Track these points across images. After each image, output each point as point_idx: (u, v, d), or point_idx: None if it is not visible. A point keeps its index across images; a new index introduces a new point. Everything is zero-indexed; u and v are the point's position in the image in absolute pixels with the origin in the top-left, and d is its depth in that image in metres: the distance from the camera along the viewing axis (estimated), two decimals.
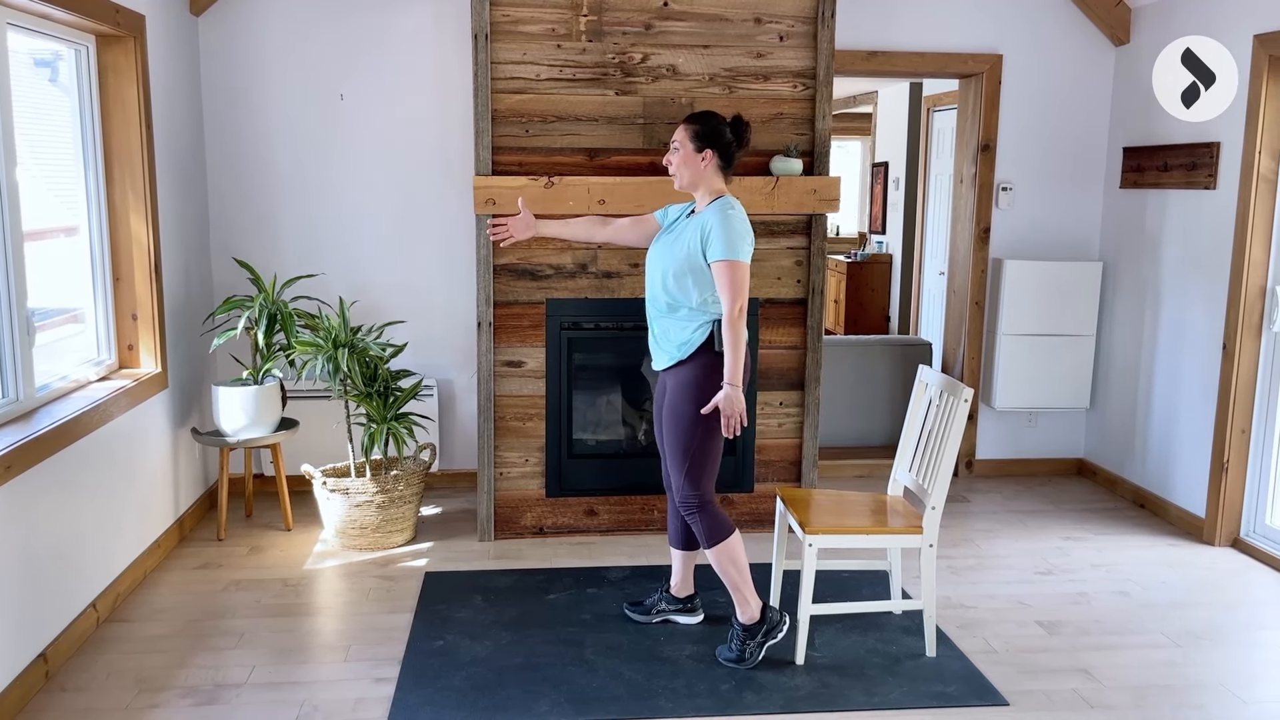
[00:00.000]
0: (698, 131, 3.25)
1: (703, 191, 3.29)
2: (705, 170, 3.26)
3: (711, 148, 3.24)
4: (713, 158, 3.25)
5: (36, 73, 3.69)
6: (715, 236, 3.14)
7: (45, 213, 3.65)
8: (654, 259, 3.36)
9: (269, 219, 4.83)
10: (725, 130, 3.26)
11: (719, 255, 3.13)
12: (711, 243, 3.15)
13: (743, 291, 3.14)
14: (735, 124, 3.29)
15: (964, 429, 3.29)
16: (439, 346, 4.99)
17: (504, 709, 3.02)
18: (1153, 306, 4.91)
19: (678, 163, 3.28)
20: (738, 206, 3.24)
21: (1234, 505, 4.41)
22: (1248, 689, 3.21)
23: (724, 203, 3.22)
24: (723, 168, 3.28)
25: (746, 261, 3.16)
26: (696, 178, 3.27)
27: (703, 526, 3.27)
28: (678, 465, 3.29)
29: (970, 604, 3.81)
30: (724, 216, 3.16)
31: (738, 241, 3.14)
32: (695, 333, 3.25)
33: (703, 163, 3.25)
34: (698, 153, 3.24)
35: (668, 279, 3.27)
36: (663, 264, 3.30)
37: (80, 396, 3.58)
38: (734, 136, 3.27)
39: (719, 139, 3.25)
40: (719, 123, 3.26)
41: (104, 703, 3.04)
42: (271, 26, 4.69)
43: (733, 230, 3.14)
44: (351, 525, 4.24)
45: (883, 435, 5.67)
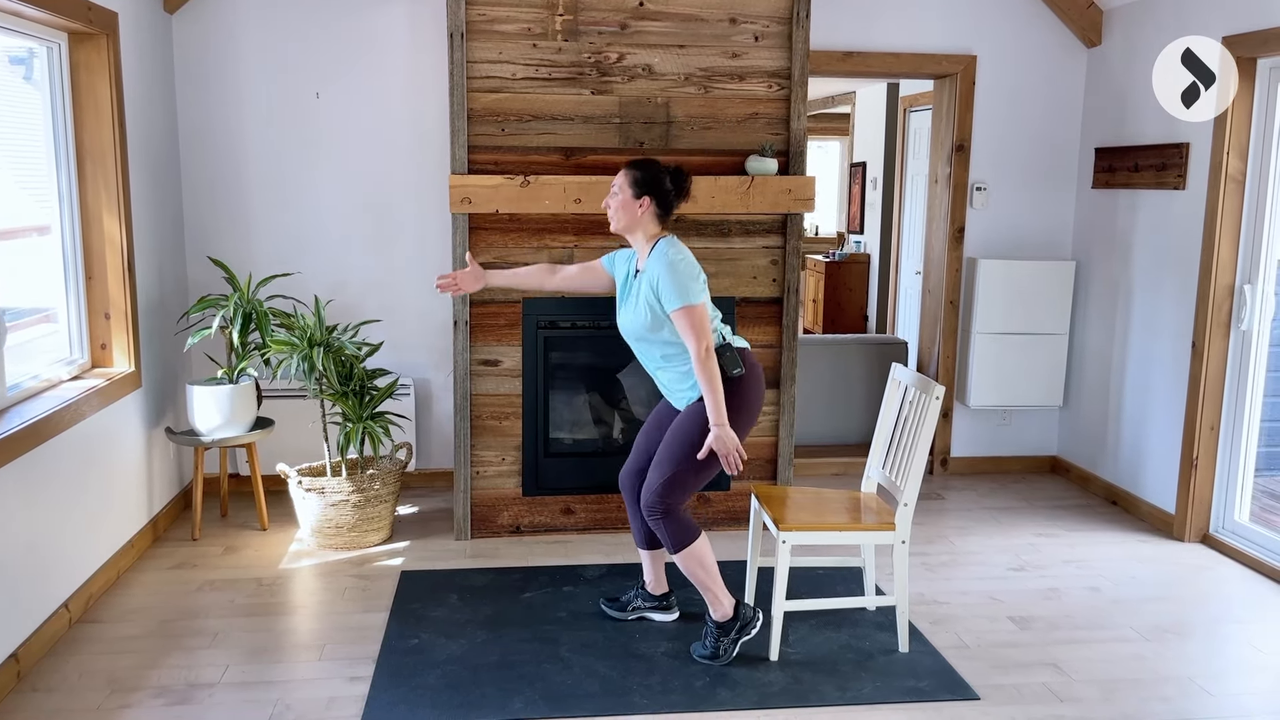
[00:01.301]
0: (637, 178, 3.30)
1: (639, 236, 3.35)
2: (641, 217, 3.31)
3: (650, 195, 3.29)
4: (650, 205, 3.30)
5: (11, 70, 3.67)
6: (665, 288, 3.20)
7: (17, 211, 3.63)
8: (624, 325, 3.43)
9: (244, 217, 4.82)
10: (665, 179, 3.31)
11: (673, 305, 3.19)
12: (664, 295, 3.21)
13: (705, 332, 3.18)
14: (675, 174, 3.35)
15: (936, 426, 3.32)
16: (415, 345, 4.98)
17: (478, 707, 3.03)
18: (1124, 305, 4.96)
19: (615, 207, 3.33)
20: (677, 247, 3.29)
21: (1203, 502, 4.46)
22: (1214, 682, 3.25)
23: (663, 249, 3.27)
24: (659, 215, 3.33)
25: (700, 302, 3.20)
26: (633, 223, 3.33)
27: (667, 532, 3.28)
28: (661, 472, 3.29)
29: (943, 600, 3.84)
30: (668, 265, 3.21)
31: (687, 285, 3.19)
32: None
33: (640, 209, 3.30)
34: (635, 199, 3.29)
35: (646, 338, 3.34)
36: (634, 328, 3.37)
37: (52, 396, 3.56)
38: (673, 186, 3.33)
39: (657, 187, 3.30)
40: (659, 171, 3.32)
41: (76, 703, 3.02)
42: (246, 24, 4.68)
43: (679, 276, 3.19)
44: (327, 525, 4.24)
45: (859, 433, 5.70)
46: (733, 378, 3.27)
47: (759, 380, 3.37)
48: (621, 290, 3.46)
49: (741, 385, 3.29)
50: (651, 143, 4.29)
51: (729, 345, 3.31)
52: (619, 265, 3.51)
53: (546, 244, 4.29)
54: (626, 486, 3.54)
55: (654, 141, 4.29)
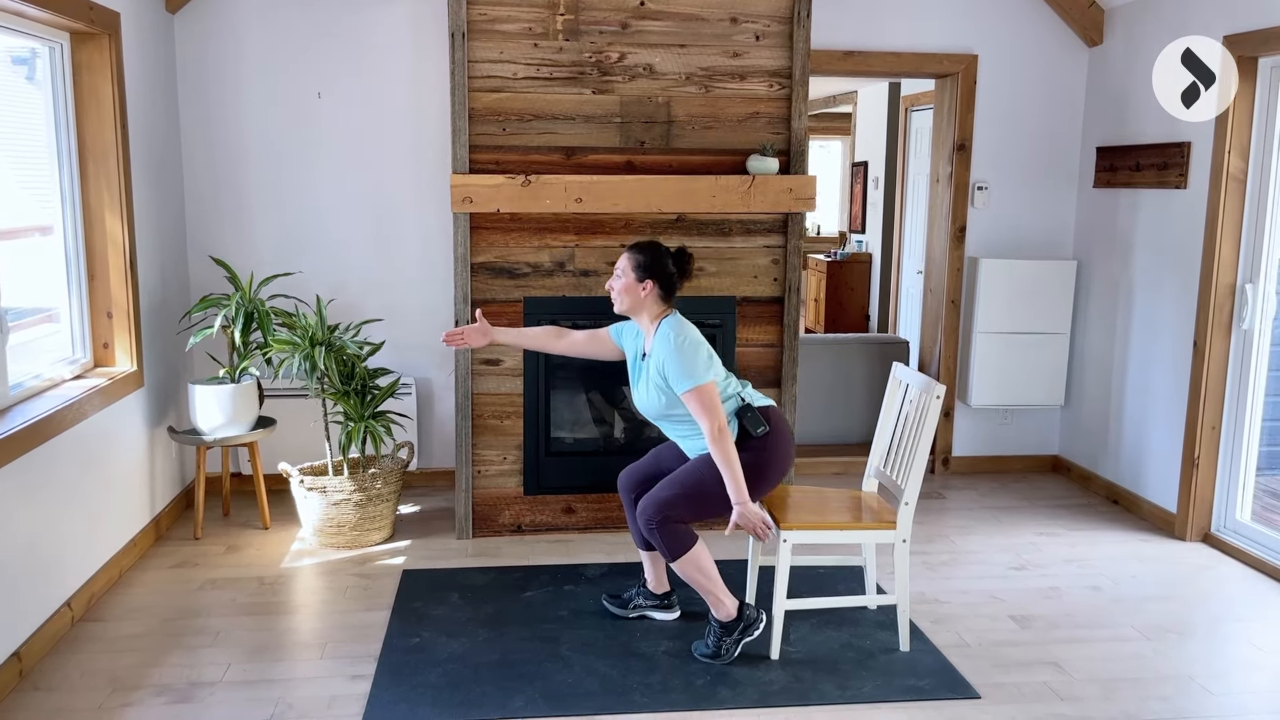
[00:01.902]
0: (640, 262, 3.32)
1: (644, 317, 3.38)
2: (645, 299, 3.34)
3: (653, 279, 3.32)
4: (653, 288, 3.33)
5: (13, 70, 3.67)
6: (672, 370, 3.22)
7: (19, 211, 3.64)
8: (641, 407, 3.47)
9: (246, 217, 4.82)
10: (668, 262, 3.34)
11: (682, 387, 3.21)
12: (672, 378, 3.23)
13: (716, 411, 3.19)
14: (678, 256, 3.37)
15: (937, 426, 3.32)
16: (417, 345, 4.99)
17: (479, 705, 3.03)
18: (1125, 304, 4.96)
19: (619, 290, 3.36)
20: (680, 325, 3.31)
21: (1205, 501, 4.46)
22: (1214, 681, 3.25)
23: (666, 331, 3.29)
24: (662, 297, 3.35)
25: (708, 380, 3.21)
26: (637, 305, 3.36)
27: (663, 541, 3.27)
28: (671, 491, 3.28)
29: (944, 599, 3.84)
30: (674, 348, 3.23)
31: (693, 365, 3.20)
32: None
33: (643, 292, 3.33)
34: (639, 282, 3.33)
35: (665, 415, 3.37)
36: (650, 409, 3.41)
37: (54, 395, 3.57)
38: (676, 268, 3.35)
39: (661, 271, 3.33)
40: (662, 255, 3.34)
41: (78, 702, 3.03)
42: (248, 24, 4.69)
43: (684, 357, 3.21)
44: (329, 524, 4.24)
45: (860, 432, 5.71)
46: (757, 436, 3.28)
47: (785, 438, 3.37)
48: (632, 371, 3.50)
49: (767, 442, 3.31)
50: (652, 142, 4.29)
51: (749, 406, 3.32)
52: (626, 340, 3.54)
53: (547, 243, 4.30)
54: (625, 487, 3.55)
55: (655, 141, 4.29)
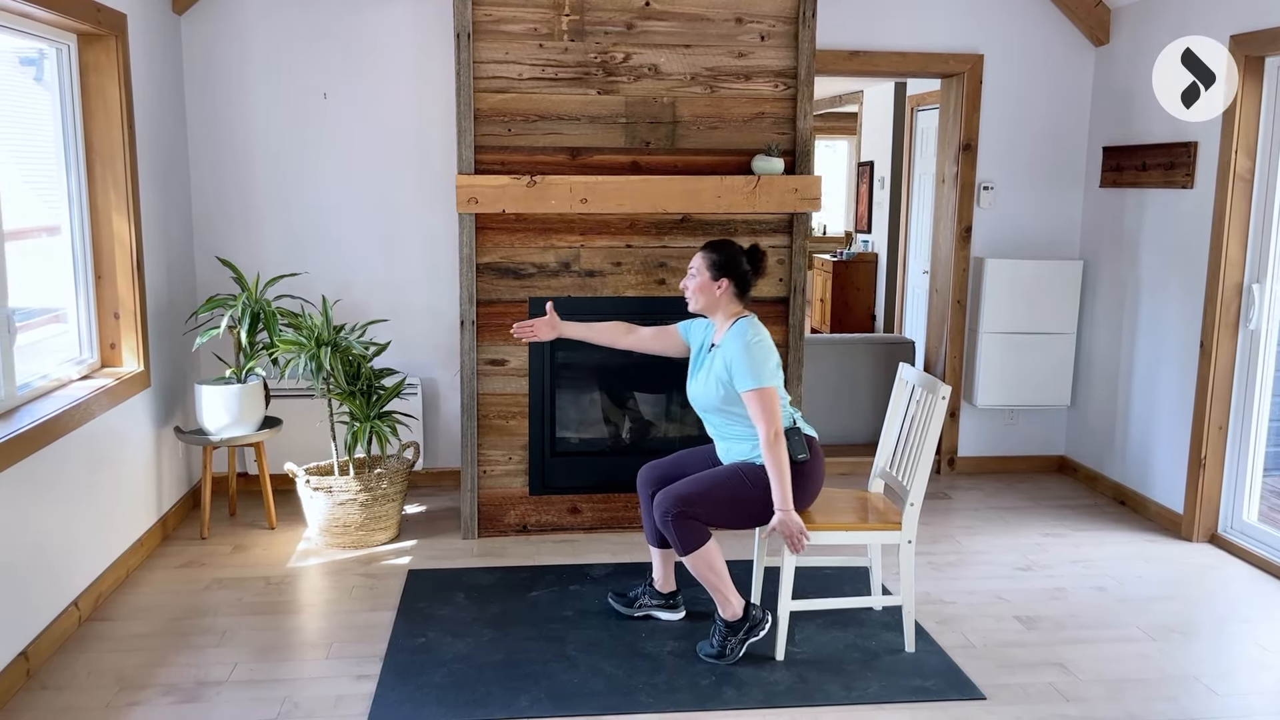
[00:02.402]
0: (715, 261, 3.34)
1: (719, 316, 3.39)
2: (720, 298, 3.35)
3: (727, 277, 3.33)
4: (729, 286, 3.34)
5: (21, 71, 3.69)
6: (738, 367, 3.23)
7: (27, 212, 3.65)
8: (694, 396, 3.45)
9: (252, 218, 4.84)
10: (742, 260, 3.36)
11: (746, 386, 3.21)
12: (736, 374, 3.24)
13: (775, 416, 3.19)
14: (752, 253, 3.38)
15: (942, 426, 3.32)
16: (422, 345, 5.00)
17: (484, 705, 3.04)
18: (1132, 304, 4.95)
19: (694, 289, 3.37)
20: (757, 327, 3.32)
21: (1211, 501, 4.45)
22: (1220, 681, 3.25)
23: (741, 328, 3.30)
24: (738, 295, 3.36)
25: (773, 385, 3.22)
26: (712, 304, 3.37)
27: (677, 534, 3.27)
28: (695, 489, 3.28)
29: (950, 599, 3.84)
30: (744, 346, 3.24)
31: (761, 367, 3.21)
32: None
33: (718, 291, 3.34)
34: (714, 281, 3.34)
35: (717, 410, 3.37)
36: (704, 400, 3.40)
37: (62, 395, 3.58)
38: (750, 266, 3.36)
39: (735, 269, 3.34)
40: (736, 253, 3.36)
41: (85, 701, 3.04)
42: (254, 25, 4.70)
43: (754, 358, 3.22)
44: (335, 524, 4.25)
45: (866, 433, 5.70)
46: (796, 461, 3.29)
47: (820, 472, 3.38)
48: (694, 361, 3.50)
49: (803, 469, 3.31)
50: (658, 143, 4.29)
51: (798, 429, 3.32)
52: (694, 334, 3.54)
53: (553, 244, 4.30)
54: (645, 482, 3.54)
55: (660, 141, 4.30)
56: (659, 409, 4.69)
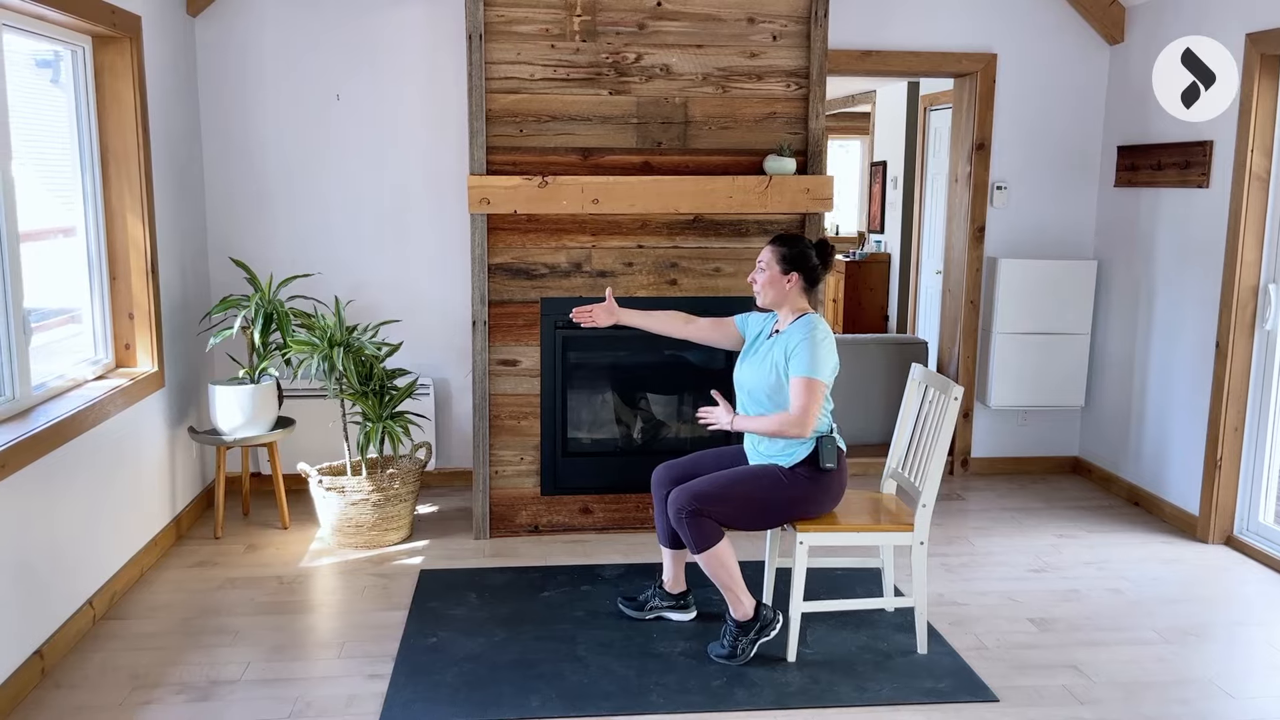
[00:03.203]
0: (784, 255, 3.35)
1: (786, 310, 3.39)
2: (790, 291, 3.36)
3: (797, 271, 3.34)
4: (798, 280, 3.34)
5: (38, 73, 3.71)
6: (799, 352, 3.23)
7: (42, 213, 3.68)
8: (742, 378, 3.44)
9: (265, 218, 4.86)
10: (811, 254, 3.37)
11: (800, 371, 3.21)
12: (794, 358, 3.23)
13: (812, 410, 3.19)
14: (820, 247, 3.40)
15: (955, 427, 3.31)
16: (434, 345, 5.01)
17: (496, 705, 3.04)
18: (1146, 305, 4.92)
19: (763, 282, 3.37)
20: (823, 326, 3.31)
21: (1227, 503, 4.42)
22: (1235, 684, 3.22)
23: (808, 322, 3.30)
24: (806, 289, 3.37)
25: (824, 380, 3.22)
26: (781, 298, 3.37)
27: (690, 533, 3.27)
28: (712, 486, 3.27)
29: (963, 601, 3.82)
30: (810, 336, 3.24)
31: (821, 361, 3.22)
32: (799, 446, 3.31)
33: (788, 284, 3.35)
34: (784, 275, 3.34)
35: (759, 396, 3.35)
36: (751, 383, 3.39)
37: (77, 395, 3.60)
38: (819, 260, 3.37)
39: (804, 263, 3.35)
40: (805, 247, 3.37)
41: (99, 699, 3.06)
42: (268, 27, 4.72)
43: (818, 351, 3.22)
44: (347, 523, 4.27)
45: (879, 433, 5.68)
46: (822, 469, 3.29)
47: (842, 484, 3.38)
48: (750, 346, 3.49)
49: (825, 479, 3.31)
50: (669, 143, 4.29)
51: (833, 439, 3.31)
52: (752, 325, 3.54)
53: (565, 244, 4.31)
54: (659, 482, 3.54)
55: (672, 142, 4.29)
56: (670, 409, 4.69)
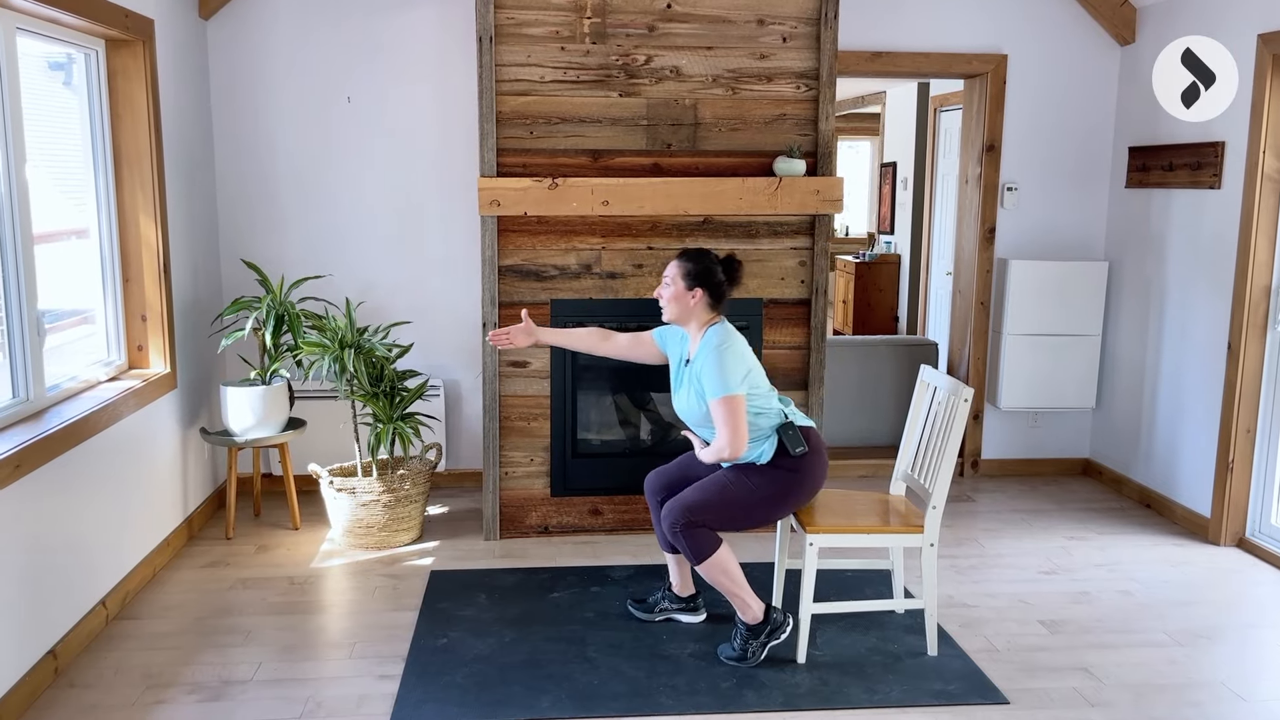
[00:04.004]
0: (689, 270, 3.31)
1: (692, 325, 3.37)
2: (694, 307, 3.33)
3: (702, 287, 3.31)
4: (703, 296, 3.31)
5: (50, 76, 3.73)
6: (707, 376, 3.22)
7: (56, 215, 3.70)
8: (680, 412, 3.45)
9: (277, 220, 4.88)
10: (717, 270, 3.33)
11: (714, 394, 3.20)
12: (706, 383, 3.23)
13: (739, 428, 3.18)
14: (727, 263, 3.36)
15: (965, 429, 3.30)
16: (445, 347, 5.02)
17: (506, 705, 3.05)
18: (1158, 306, 4.90)
19: (668, 298, 3.35)
20: (725, 333, 3.29)
21: (1239, 505, 4.40)
22: (1247, 687, 3.21)
23: (711, 339, 3.28)
24: (711, 305, 3.34)
25: (739, 393, 3.19)
26: (685, 314, 3.35)
27: (687, 544, 3.26)
28: (700, 497, 3.28)
29: (972, 603, 3.82)
30: (714, 353, 3.23)
31: (728, 375, 3.19)
32: (763, 446, 3.30)
33: (692, 300, 3.32)
34: (688, 290, 3.31)
35: (703, 425, 3.36)
36: (690, 415, 3.40)
37: (90, 396, 3.63)
38: (725, 276, 3.34)
39: (709, 279, 3.32)
40: (711, 263, 3.33)
41: (111, 699, 3.08)
42: (279, 30, 4.74)
43: (723, 365, 3.20)
44: (358, 524, 4.28)
45: (888, 435, 5.68)
46: (795, 456, 3.27)
47: (822, 462, 3.35)
48: (675, 376, 3.49)
49: (802, 464, 3.30)
50: (679, 145, 4.30)
51: (791, 424, 3.30)
52: (671, 345, 3.54)
53: (575, 246, 4.31)
54: (652, 490, 3.55)
55: (681, 143, 4.30)
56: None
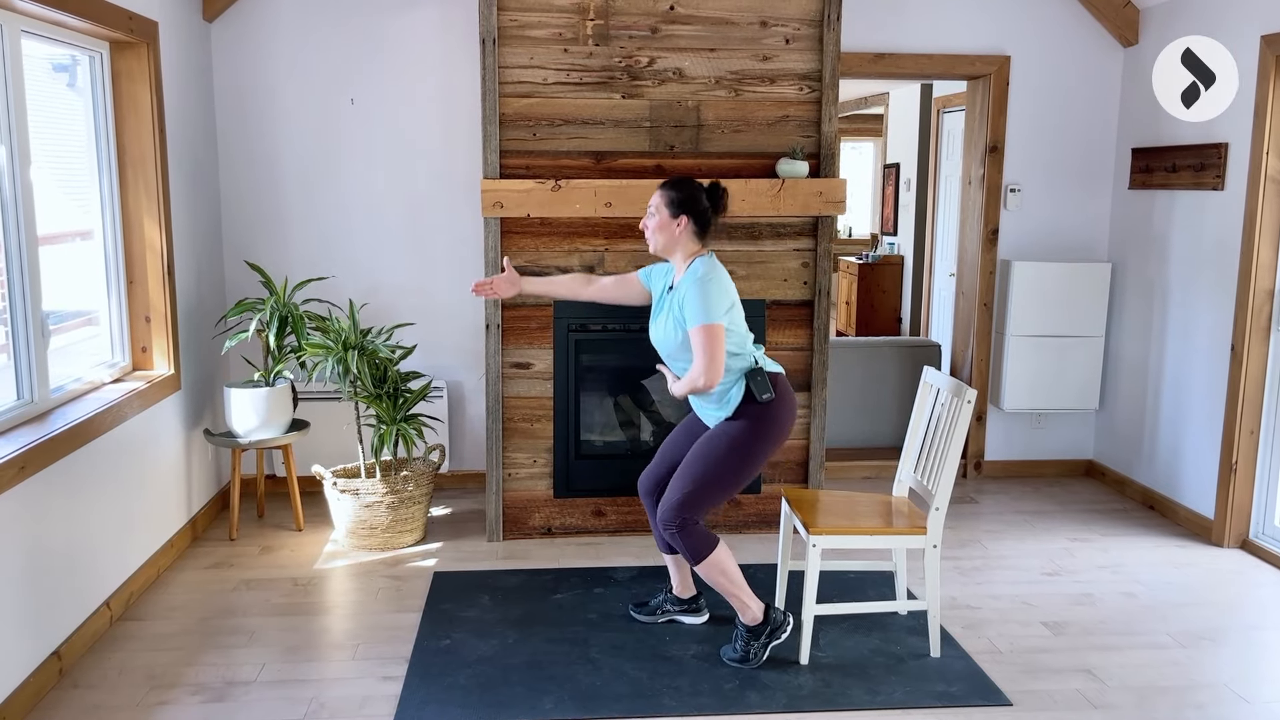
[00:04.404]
0: (673, 198, 3.29)
1: (678, 255, 3.34)
2: (680, 236, 3.30)
3: (687, 214, 3.28)
4: (688, 224, 3.29)
5: (55, 78, 3.75)
6: (690, 303, 3.19)
7: (60, 216, 3.71)
8: (656, 340, 3.42)
9: (280, 222, 4.89)
10: (701, 197, 3.30)
11: (695, 321, 3.17)
12: (687, 309, 3.20)
13: (717, 358, 3.15)
14: (711, 190, 3.33)
15: (968, 430, 3.30)
16: (448, 348, 5.03)
17: (508, 706, 3.05)
18: (1161, 307, 4.90)
19: (653, 228, 3.32)
20: (712, 265, 3.27)
21: (1243, 506, 4.40)
22: (1250, 689, 3.21)
23: (697, 268, 3.26)
24: (697, 234, 3.31)
25: (720, 322, 3.17)
26: (671, 243, 3.32)
27: (684, 545, 3.27)
28: (681, 487, 3.28)
29: (975, 604, 3.81)
30: (698, 283, 3.20)
31: (712, 304, 3.16)
32: (731, 390, 3.29)
33: (677, 228, 3.29)
34: (673, 219, 3.29)
35: (677, 356, 3.33)
36: (665, 346, 3.37)
37: (94, 398, 3.64)
38: (709, 203, 3.31)
39: (694, 206, 3.28)
40: (695, 190, 3.30)
41: (115, 700, 3.08)
42: (283, 32, 4.75)
43: (706, 294, 3.17)
44: (361, 525, 4.29)
45: (891, 436, 5.68)
46: (761, 402, 3.26)
47: (790, 407, 3.33)
48: (656, 304, 3.46)
49: (771, 410, 3.28)
50: (682, 146, 4.30)
51: (760, 370, 3.29)
52: (655, 280, 3.51)
53: (578, 247, 4.32)
54: (645, 491, 3.54)
55: (684, 145, 4.30)
56: (682, 411, 4.69)
